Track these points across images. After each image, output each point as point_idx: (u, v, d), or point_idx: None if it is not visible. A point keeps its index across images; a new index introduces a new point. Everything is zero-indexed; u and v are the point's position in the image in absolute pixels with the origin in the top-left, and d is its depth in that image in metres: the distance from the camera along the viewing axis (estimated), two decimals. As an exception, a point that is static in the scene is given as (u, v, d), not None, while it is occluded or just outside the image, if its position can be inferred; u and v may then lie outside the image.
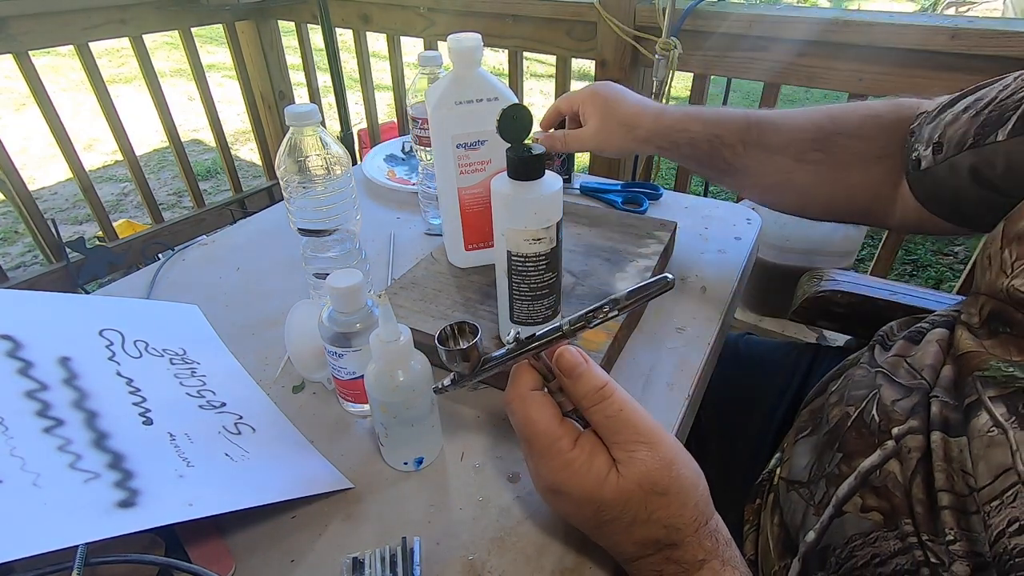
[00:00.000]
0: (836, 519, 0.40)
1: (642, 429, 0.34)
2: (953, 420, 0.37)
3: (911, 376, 0.42)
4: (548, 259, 0.45)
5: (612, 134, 0.60)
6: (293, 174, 0.53)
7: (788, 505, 0.45)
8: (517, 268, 0.45)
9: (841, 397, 0.46)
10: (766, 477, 0.53)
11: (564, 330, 0.34)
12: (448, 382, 0.38)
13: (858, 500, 0.39)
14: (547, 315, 0.48)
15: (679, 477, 0.33)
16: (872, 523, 0.38)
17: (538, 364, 0.36)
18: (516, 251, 0.44)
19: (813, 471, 0.44)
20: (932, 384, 0.40)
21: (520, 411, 0.35)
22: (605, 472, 0.33)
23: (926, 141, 0.47)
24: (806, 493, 0.44)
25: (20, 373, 0.41)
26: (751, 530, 0.51)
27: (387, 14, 1.69)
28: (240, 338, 0.59)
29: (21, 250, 2.37)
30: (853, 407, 0.44)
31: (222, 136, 2.00)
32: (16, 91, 3.64)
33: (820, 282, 0.71)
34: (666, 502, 0.33)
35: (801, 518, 0.43)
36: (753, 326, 1.54)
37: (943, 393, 0.38)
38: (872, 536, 0.37)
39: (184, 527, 0.39)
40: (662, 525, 0.33)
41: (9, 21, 1.41)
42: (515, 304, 0.47)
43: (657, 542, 0.34)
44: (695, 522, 0.33)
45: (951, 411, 0.37)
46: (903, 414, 0.39)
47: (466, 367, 0.37)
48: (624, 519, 0.33)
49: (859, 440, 0.41)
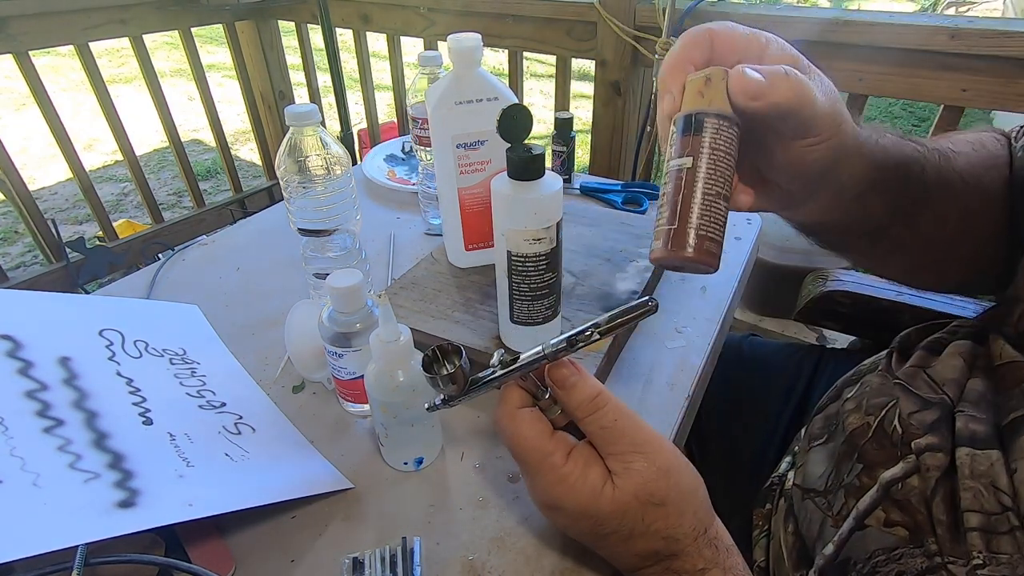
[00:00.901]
0: (857, 532, 0.38)
1: (637, 439, 0.33)
2: (982, 434, 0.35)
3: (931, 390, 0.39)
4: (548, 259, 0.45)
5: None
6: (293, 174, 0.53)
7: (803, 514, 0.44)
8: (517, 268, 0.45)
9: (858, 404, 0.44)
10: (776, 481, 0.52)
11: (546, 354, 0.34)
12: (438, 401, 0.38)
13: (881, 514, 0.37)
14: (547, 315, 0.48)
15: (676, 486, 0.33)
16: (897, 539, 0.36)
17: (526, 383, 0.36)
18: (516, 251, 0.44)
19: (830, 480, 0.43)
20: (955, 399, 0.38)
21: (509, 429, 0.35)
22: (600, 485, 0.33)
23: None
24: (823, 503, 0.42)
25: (20, 373, 0.41)
26: (761, 536, 0.50)
27: (387, 14, 1.69)
28: (240, 338, 0.59)
29: (21, 250, 2.37)
30: (873, 416, 0.42)
31: (222, 136, 2.00)
32: (16, 91, 3.63)
33: (825, 282, 0.71)
34: (664, 513, 0.33)
35: (818, 529, 0.42)
36: (753, 326, 1.54)
37: (970, 408, 0.36)
38: (897, 552, 0.36)
39: (184, 527, 0.39)
40: (661, 536, 0.33)
41: (9, 21, 1.41)
42: (515, 304, 0.47)
43: (656, 553, 0.33)
44: (694, 531, 0.33)
45: (979, 424, 0.35)
46: (920, 428, 0.38)
47: (454, 389, 0.36)
48: (622, 532, 0.33)
49: (880, 451, 0.40)
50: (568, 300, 0.56)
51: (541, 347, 0.34)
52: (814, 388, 0.65)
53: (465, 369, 0.35)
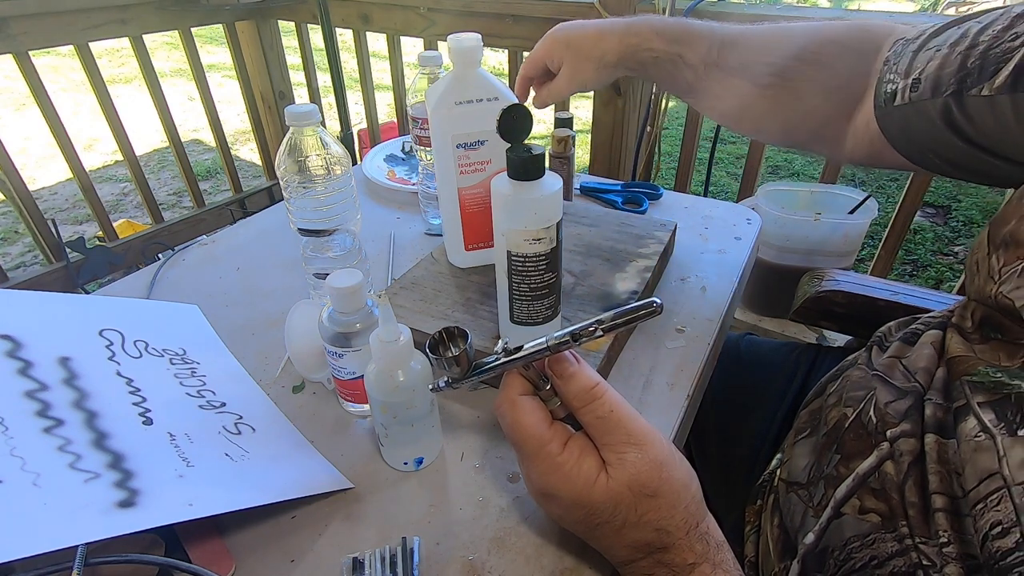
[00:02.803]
0: (835, 521, 0.40)
1: (632, 430, 0.34)
2: (947, 422, 0.37)
3: (905, 379, 0.42)
4: (548, 259, 0.45)
5: (584, 71, 0.56)
6: (293, 174, 0.53)
7: (788, 507, 0.45)
8: (517, 268, 0.45)
9: (839, 398, 0.46)
10: (767, 478, 0.53)
11: (549, 346, 0.34)
12: (442, 383, 0.39)
13: (856, 502, 0.39)
14: (547, 315, 0.48)
15: (669, 479, 0.33)
16: (870, 525, 0.38)
17: (528, 372, 0.36)
18: (516, 251, 0.44)
19: (812, 472, 0.44)
20: (926, 387, 0.40)
21: (509, 415, 0.35)
22: (595, 475, 0.33)
23: (904, 72, 0.42)
24: (805, 495, 0.44)
25: (20, 373, 0.41)
26: (752, 532, 0.50)
27: (387, 14, 1.69)
28: (240, 338, 0.59)
29: (21, 250, 2.37)
30: (852, 408, 0.43)
31: (222, 136, 2.00)
32: (16, 91, 3.63)
33: (821, 282, 0.71)
34: (656, 504, 0.33)
35: (800, 519, 0.43)
36: (753, 326, 1.54)
37: (936, 395, 0.38)
38: (870, 538, 0.37)
39: (184, 527, 0.39)
40: (653, 528, 0.33)
41: (9, 21, 1.41)
42: (515, 304, 0.47)
43: (648, 545, 0.34)
44: (686, 524, 0.33)
45: (944, 413, 0.37)
46: (896, 416, 0.39)
47: (458, 371, 0.37)
48: (615, 522, 0.33)
49: (857, 442, 0.41)
50: (568, 300, 0.56)
51: (545, 339, 0.34)
52: (810, 386, 0.65)
53: (470, 353, 0.36)
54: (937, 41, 0.41)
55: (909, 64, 0.42)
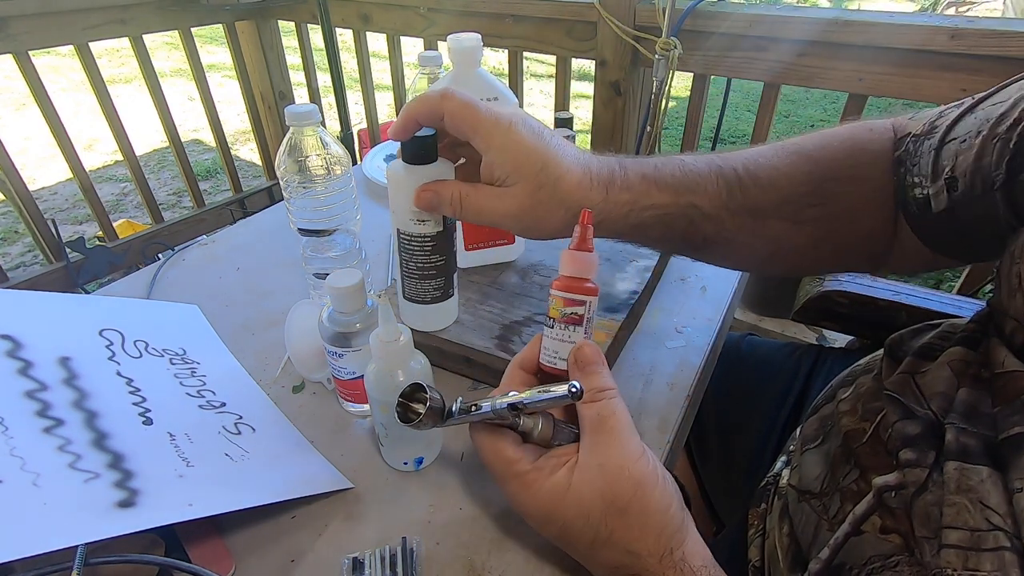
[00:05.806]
0: (854, 537, 0.38)
1: (623, 441, 0.34)
2: (973, 448, 0.33)
3: (917, 402, 0.38)
4: (434, 241, 0.46)
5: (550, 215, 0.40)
6: (293, 174, 0.53)
7: (799, 516, 0.44)
8: (404, 246, 0.47)
9: (853, 407, 0.44)
10: (771, 481, 0.52)
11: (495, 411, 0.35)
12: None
13: (877, 520, 0.36)
14: (435, 296, 0.50)
15: (643, 498, 0.33)
16: (893, 546, 0.35)
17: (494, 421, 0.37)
18: (404, 230, 0.46)
19: (826, 483, 0.42)
20: (942, 414, 0.36)
21: (479, 440, 0.37)
22: (565, 486, 0.33)
23: (931, 175, 0.39)
24: (819, 506, 0.42)
25: (20, 373, 0.41)
26: (756, 535, 0.50)
27: (387, 14, 1.69)
28: (240, 338, 0.59)
29: (21, 250, 2.37)
30: (868, 422, 0.41)
31: (222, 136, 2.00)
32: (16, 91, 3.63)
33: (823, 282, 0.71)
34: (625, 523, 0.33)
35: (813, 532, 0.41)
36: (753, 326, 1.54)
37: (960, 420, 0.34)
38: (892, 560, 0.35)
39: (184, 527, 0.39)
40: (623, 549, 0.33)
41: (9, 21, 1.41)
42: (404, 281, 0.49)
43: (621, 567, 0.34)
44: (659, 550, 0.33)
45: (970, 438, 0.34)
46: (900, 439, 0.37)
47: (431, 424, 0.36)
48: (586, 537, 0.34)
49: (874, 457, 0.39)
50: (568, 300, 0.56)
51: (490, 405, 0.35)
52: (811, 387, 0.65)
53: (435, 406, 0.35)
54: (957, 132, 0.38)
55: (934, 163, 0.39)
